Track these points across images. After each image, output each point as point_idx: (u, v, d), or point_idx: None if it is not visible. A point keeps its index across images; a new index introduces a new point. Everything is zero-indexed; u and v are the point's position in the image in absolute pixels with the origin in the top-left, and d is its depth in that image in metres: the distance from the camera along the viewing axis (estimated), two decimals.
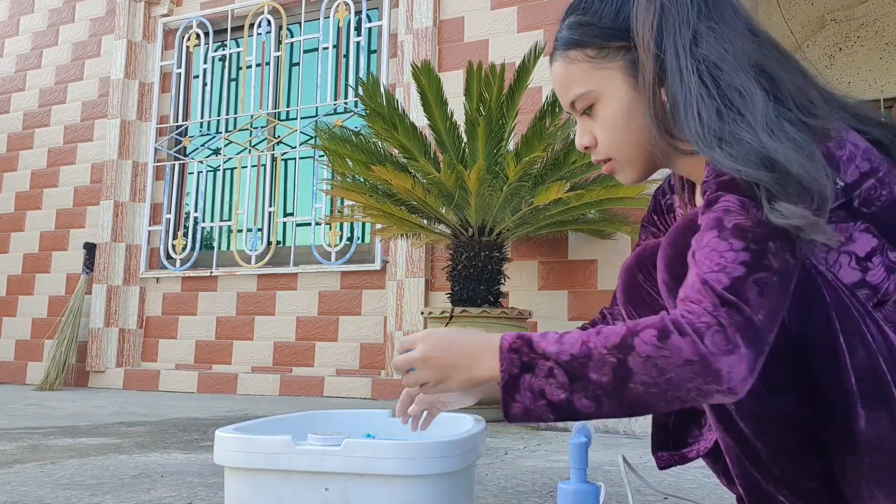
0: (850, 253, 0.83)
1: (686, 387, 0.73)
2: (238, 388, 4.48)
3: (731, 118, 0.78)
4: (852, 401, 0.77)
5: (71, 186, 5.41)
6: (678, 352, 0.73)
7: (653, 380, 0.73)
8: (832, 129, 0.82)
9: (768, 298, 0.73)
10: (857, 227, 0.83)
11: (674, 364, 0.73)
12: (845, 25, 4.85)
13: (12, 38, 5.94)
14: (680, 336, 0.73)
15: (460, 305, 3.14)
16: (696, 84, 0.80)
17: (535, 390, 0.78)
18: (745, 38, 0.84)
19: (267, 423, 1.21)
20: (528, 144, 3.02)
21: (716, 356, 0.71)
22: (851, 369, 0.77)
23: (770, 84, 0.81)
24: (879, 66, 4.74)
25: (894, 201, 0.83)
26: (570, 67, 0.92)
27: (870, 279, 0.83)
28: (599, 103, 0.91)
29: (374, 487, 0.95)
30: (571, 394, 0.77)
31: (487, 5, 4.20)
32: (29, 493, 1.49)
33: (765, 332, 0.73)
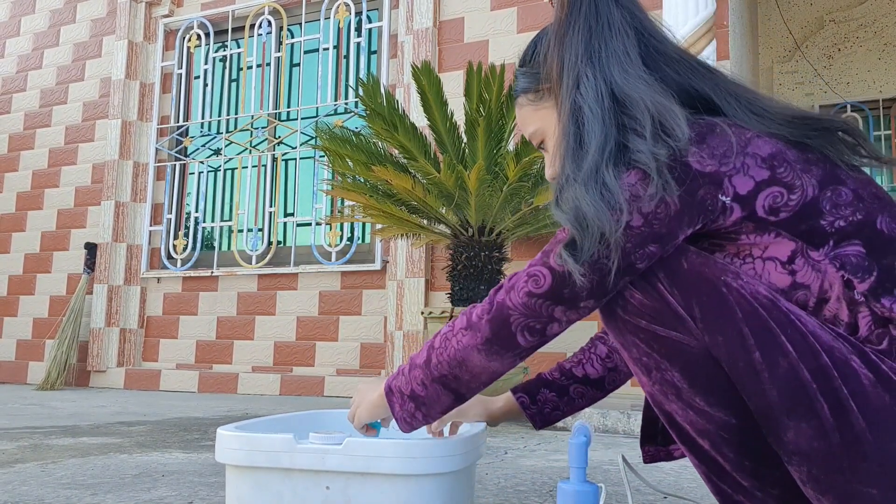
0: (773, 259, 0.85)
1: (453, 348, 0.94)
2: (239, 387, 4.49)
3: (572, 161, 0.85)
4: (778, 414, 0.78)
5: (72, 186, 5.41)
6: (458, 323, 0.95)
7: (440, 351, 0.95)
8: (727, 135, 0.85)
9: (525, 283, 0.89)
10: (770, 235, 0.84)
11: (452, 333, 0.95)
12: (844, 26, 4.85)
13: (13, 38, 5.95)
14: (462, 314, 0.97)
15: (460, 305, 3.15)
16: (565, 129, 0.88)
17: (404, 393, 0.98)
18: (624, 69, 0.89)
19: (269, 421, 1.21)
20: (528, 145, 3.02)
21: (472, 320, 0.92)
22: (772, 382, 0.78)
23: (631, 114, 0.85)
24: (878, 66, 4.74)
25: (808, 203, 0.84)
26: (521, 111, 1.04)
27: (801, 280, 0.84)
28: (546, 138, 1.01)
29: (376, 486, 0.96)
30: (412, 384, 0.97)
31: (487, 6, 4.21)
32: (30, 492, 1.49)
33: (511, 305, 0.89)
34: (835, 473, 0.76)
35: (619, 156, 0.83)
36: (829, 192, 0.85)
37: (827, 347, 0.79)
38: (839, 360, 0.78)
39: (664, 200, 0.81)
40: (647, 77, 0.88)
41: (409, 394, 0.96)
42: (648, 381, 0.88)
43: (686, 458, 1.10)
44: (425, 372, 0.95)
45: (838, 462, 0.76)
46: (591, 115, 0.85)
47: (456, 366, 0.93)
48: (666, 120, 0.84)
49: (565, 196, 0.83)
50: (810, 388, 0.77)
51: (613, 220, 0.80)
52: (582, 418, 2.65)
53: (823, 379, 0.77)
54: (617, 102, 0.86)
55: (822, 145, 0.88)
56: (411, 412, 0.96)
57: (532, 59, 1.01)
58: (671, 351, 0.84)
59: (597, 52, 0.89)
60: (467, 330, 0.91)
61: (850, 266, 0.83)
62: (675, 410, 0.87)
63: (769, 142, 0.87)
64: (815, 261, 0.84)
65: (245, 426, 1.11)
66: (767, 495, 0.85)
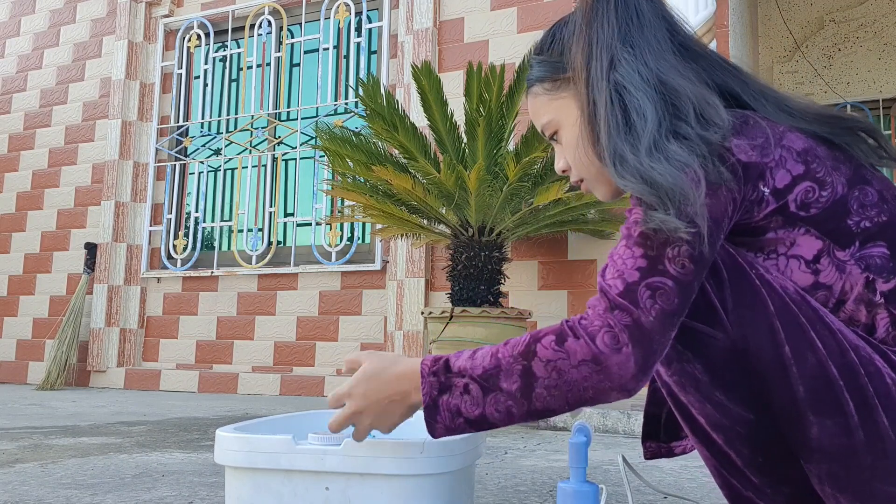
0: (798, 257, 0.84)
1: (583, 386, 0.78)
2: (239, 387, 4.49)
3: (625, 138, 0.83)
4: (803, 409, 0.78)
5: (72, 186, 5.41)
6: (573, 353, 0.79)
7: (554, 382, 0.79)
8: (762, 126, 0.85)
9: (658, 302, 0.78)
10: (798, 231, 0.84)
11: (570, 365, 0.79)
12: (844, 26, 4.85)
13: (13, 38, 5.95)
14: (574, 339, 0.79)
15: (460, 305, 3.14)
16: (606, 107, 0.85)
17: (453, 409, 0.84)
18: (661, 57, 0.88)
19: (269, 422, 1.21)
20: (528, 145, 3.02)
21: (606, 355, 0.77)
22: (800, 378, 0.78)
23: (674, 100, 0.85)
24: (878, 66, 4.74)
25: (837, 201, 0.84)
26: (535, 101, 1.00)
27: (823, 280, 0.84)
28: (561, 130, 0.98)
29: (375, 487, 0.96)
30: (485, 408, 0.83)
31: (487, 6, 4.21)
32: (30, 492, 1.49)
33: (653, 333, 0.77)
34: (856, 471, 0.76)
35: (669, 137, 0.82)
36: (856, 191, 0.85)
37: (853, 345, 0.79)
38: (865, 359, 0.78)
39: (714, 186, 0.80)
40: (682, 67, 0.88)
41: (475, 417, 0.84)
42: (667, 371, 0.88)
43: (686, 458, 1.10)
44: (517, 402, 0.81)
45: (860, 459, 0.76)
46: (637, 94, 0.84)
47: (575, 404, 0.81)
48: (705, 109, 0.84)
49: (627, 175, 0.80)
50: (837, 384, 0.77)
51: (693, 184, 0.78)
52: (582, 418, 2.65)
53: (850, 376, 0.77)
54: (658, 88, 0.85)
55: (848, 144, 0.88)
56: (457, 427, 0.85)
57: (551, 47, 0.98)
58: (697, 344, 0.83)
59: (630, 38, 0.87)
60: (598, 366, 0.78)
61: (875, 267, 0.83)
62: (692, 402, 0.86)
63: (801, 137, 0.86)
64: (841, 261, 0.83)
65: (245, 427, 1.11)
66: (777, 493, 0.85)
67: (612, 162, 0.83)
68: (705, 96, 0.85)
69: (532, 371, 0.80)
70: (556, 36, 0.97)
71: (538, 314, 3.73)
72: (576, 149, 0.95)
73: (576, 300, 3.73)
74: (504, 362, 0.82)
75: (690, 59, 0.90)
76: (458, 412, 0.84)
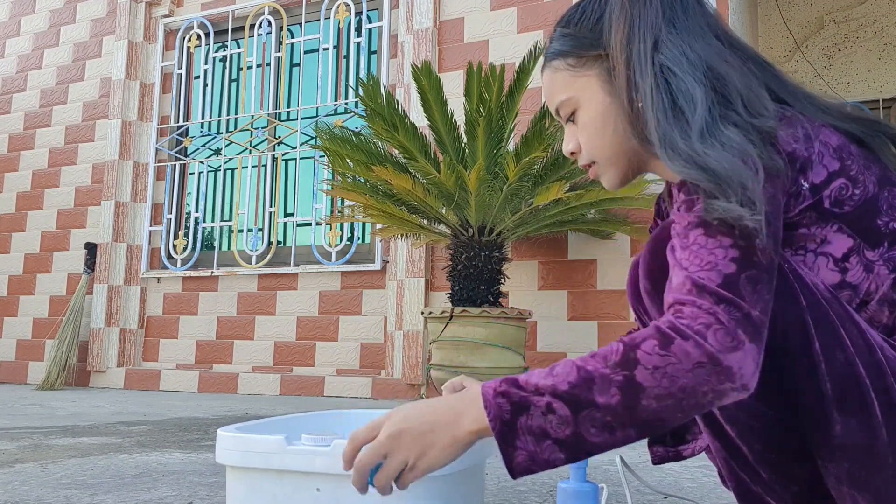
0: (827, 255, 0.83)
1: (701, 391, 0.71)
2: (239, 387, 4.49)
3: (675, 122, 0.80)
4: (829, 407, 0.77)
5: (72, 187, 5.42)
6: (686, 356, 0.70)
7: (666, 390, 0.70)
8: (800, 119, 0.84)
9: (761, 294, 0.73)
10: (830, 228, 0.83)
11: (684, 369, 0.70)
12: (844, 26, 4.85)
13: (13, 38, 5.95)
14: (683, 340, 0.71)
15: (460, 305, 3.15)
16: (652, 89, 0.83)
17: (536, 431, 0.72)
18: (706, 42, 0.87)
19: (275, 422, 1.21)
20: (528, 145, 3.02)
21: (723, 353, 0.70)
22: (828, 375, 0.77)
23: (721, 87, 0.83)
24: (878, 66, 4.74)
25: (868, 199, 0.83)
26: (554, 76, 0.96)
27: (850, 280, 0.83)
28: (580, 109, 0.94)
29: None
30: (578, 426, 0.71)
31: (487, 6, 4.21)
32: (30, 492, 1.49)
33: (762, 328, 0.73)
34: (876, 471, 0.76)
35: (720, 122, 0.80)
36: (885, 191, 0.84)
37: (879, 345, 0.78)
38: (891, 358, 0.78)
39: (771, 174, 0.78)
40: (726, 54, 0.86)
41: (566, 437, 0.72)
42: None
43: (687, 460, 1.10)
44: (618, 415, 0.71)
45: (882, 460, 0.76)
46: (685, 77, 0.82)
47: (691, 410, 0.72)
48: (752, 98, 0.83)
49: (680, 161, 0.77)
50: (864, 384, 0.76)
51: (751, 172, 0.75)
52: None
53: (878, 376, 0.76)
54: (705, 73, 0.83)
55: (878, 147, 0.88)
56: (545, 452, 0.73)
57: (579, 21, 0.93)
58: None
59: (675, 20, 0.86)
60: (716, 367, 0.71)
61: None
62: None
63: (835, 133, 0.86)
64: (870, 261, 0.83)
65: (249, 427, 1.11)
66: (786, 491, 0.84)
67: (662, 147, 0.80)
68: (751, 85, 0.84)
69: (636, 381, 0.71)
70: (586, 11, 0.93)
71: (538, 314, 3.73)
72: (595, 130, 0.93)
73: (576, 300, 3.73)
74: (597, 374, 0.72)
75: (731, 48, 0.89)
76: (543, 434, 0.72)
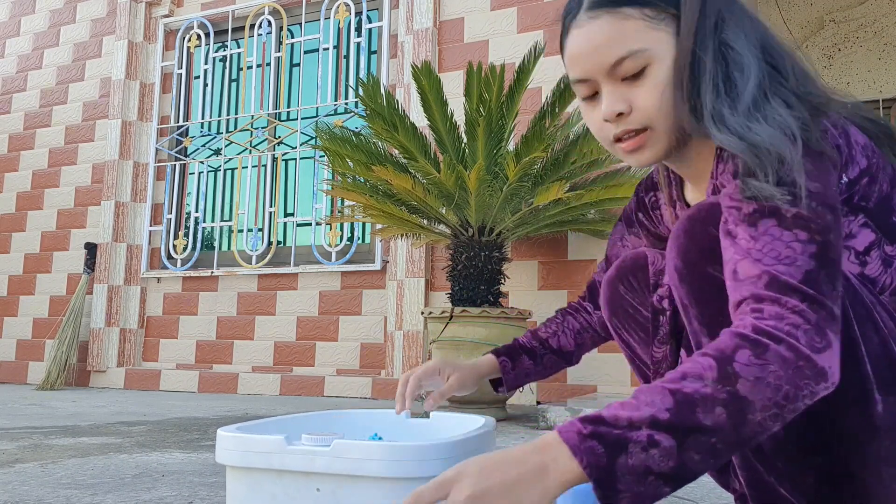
0: (850, 248, 0.85)
1: (801, 395, 0.68)
2: (239, 387, 4.49)
3: (725, 97, 0.81)
4: (869, 387, 0.78)
5: (72, 186, 5.42)
6: (783, 362, 0.68)
7: (771, 401, 0.67)
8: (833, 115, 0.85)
9: (838, 290, 0.72)
10: (858, 221, 0.85)
11: (784, 376, 0.67)
12: (844, 26, 4.85)
13: (13, 38, 5.95)
14: (777, 345, 0.68)
15: (460, 305, 3.15)
16: (710, 63, 0.83)
17: (639, 470, 0.65)
18: (757, 27, 0.90)
19: (277, 422, 1.21)
20: (528, 144, 3.02)
21: (817, 354, 0.69)
22: (867, 356, 0.78)
23: (777, 63, 0.85)
24: (878, 66, 4.74)
25: (884, 197, 0.86)
26: (625, 23, 0.86)
27: (868, 272, 0.85)
28: (652, 65, 0.87)
29: (365, 489, 0.95)
30: (682, 454, 0.65)
31: (487, 6, 4.21)
32: (30, 492, 1.49)
33: (840, 324, 0.72)
34: None
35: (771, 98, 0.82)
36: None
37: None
38: None
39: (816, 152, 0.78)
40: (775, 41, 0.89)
41: (670, 470, 0.65)
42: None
43: None
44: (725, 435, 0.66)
45: None
46: (744, 52, 0.83)
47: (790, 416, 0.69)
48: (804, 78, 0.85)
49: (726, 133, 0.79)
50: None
51: (789, 143, 0.76)
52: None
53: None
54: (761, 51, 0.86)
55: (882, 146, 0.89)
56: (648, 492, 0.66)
57: None
58: None
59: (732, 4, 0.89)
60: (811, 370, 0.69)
61: None
62: None
63: (858, 131, 0.87)
64: (889, 255, 0.86)
65: (251, 427, 1.11)
66: (800, 481, 0.84)
67: (711, 119, 0.80)
68: (804, 67, 0.86)
69: (740, 396, 0.66)
70: None
71: (538, 314, 3.73)
72: (667, 90, 0.87)
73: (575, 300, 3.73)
74: (697, 395, 0.66)
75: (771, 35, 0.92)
76: (646, 471, 0.65)
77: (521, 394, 3.70)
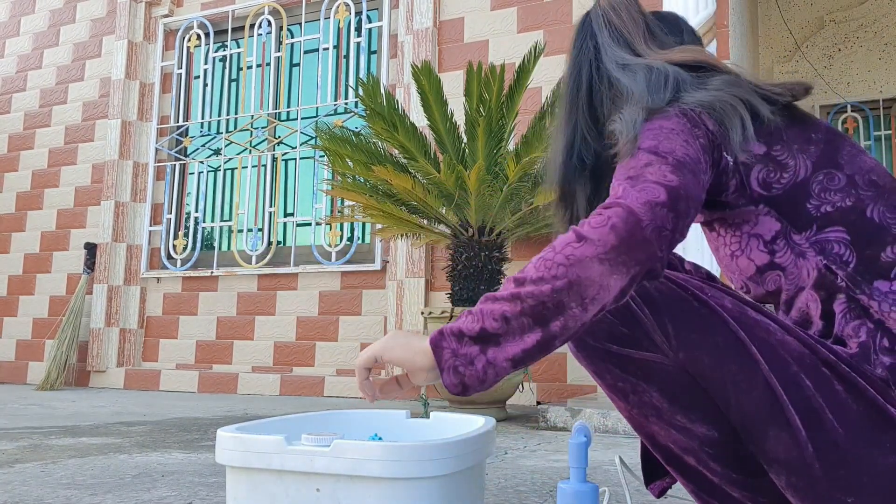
0: (758, 236, 0.88)
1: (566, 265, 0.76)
2: (238, 387, 4.49)
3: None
4: (756, 424, 0.79)
5: (72, 186, 5.41)
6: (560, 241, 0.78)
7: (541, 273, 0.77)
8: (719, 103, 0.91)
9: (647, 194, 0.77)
10: (760, 210, 0.87)
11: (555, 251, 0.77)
12: (844, 26, 4.85)
13: (13, 38, 5.95)
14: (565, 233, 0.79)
15: (460, 305, 3.14)
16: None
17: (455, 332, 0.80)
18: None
19: (279, 421, 1.21)
20: (528, 144, 3.02)
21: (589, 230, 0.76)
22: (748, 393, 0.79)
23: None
24: (878, 66, 4.74)
25: (798, 184, 0.86)
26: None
27: (778, 261, 0.87)
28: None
29: (364, 489, 0.95)
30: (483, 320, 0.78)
31: (487, 6, 4.21)
32: (30, 492, 1.49)
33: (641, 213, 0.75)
34: (812, 482, 0.77)
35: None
36: (821, 175, 0.86)
37: (797, 355, 0.79)
38: (810, 368, 0.78)
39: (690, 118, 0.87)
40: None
41: (476, 333, 0.78)
42: (626, 406, 0.89)
43: None
44: (510, 304, 0.77)
45: (815, 471, 0.76)
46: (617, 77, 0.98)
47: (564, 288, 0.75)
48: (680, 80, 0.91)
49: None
50: (782, 398, 0.77)
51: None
52: (582, 418, 2.65)
53: (795, 389, 0.77)
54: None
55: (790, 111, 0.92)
56: (470, 358, 0.78)
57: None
58: (646, 372, 0.84)
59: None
60: (580, 242, 0.76)
61: (831, 253, 0.84)
62: (657, 432, 0.88)
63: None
64: (796, 244, 0.86)
65: (253, 427, 1.11)
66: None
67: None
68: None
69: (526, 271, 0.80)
70: None
71: None
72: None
73: None
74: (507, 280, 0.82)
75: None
76: (460, 333, 0.79)
77: (520, 394, 3.70)
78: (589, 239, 0.75)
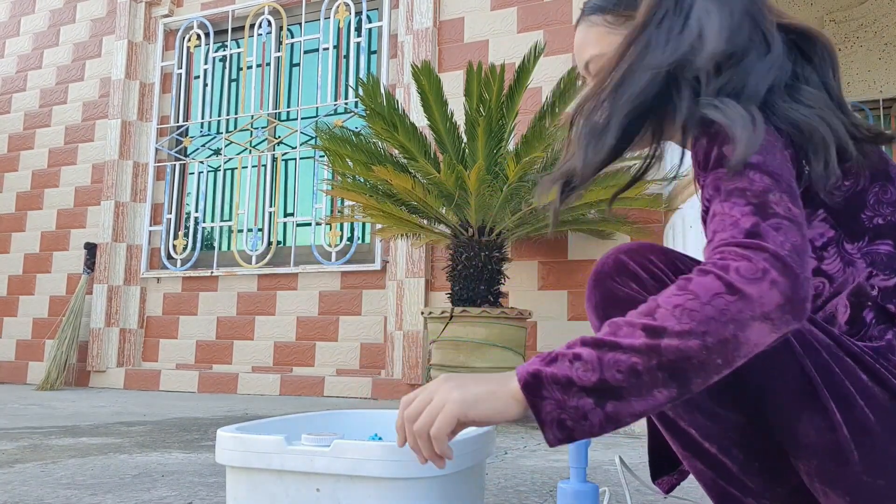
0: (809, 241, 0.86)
1: (721, 321, 0.68)
2: (238, 387, 4.49)
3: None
4: (789, 408, 0.79)
5: (72, 186, 5.41)
6: (704, 288, 0.69)
7: (687, 326, 0.68)
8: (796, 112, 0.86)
9: (788, 237, 0.71)
10: (818, 215, 0.85)
11: (702, 302, 0.68)
12: (844, 26, 4.85)
13: (13, 38, 5.95)
14: (703, 276, 0.70)
15: (460, 305, 3.14)
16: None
17: (563, 381, 0.70)
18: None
19: (280, 421, 1.21)
20: (528, 144, 3.02)
21: (743, 282, 0.68)
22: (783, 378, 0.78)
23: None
24: (878, 66, 4.74)
25: (857, 193, 0.85)
26: (590, 30, 0.98)
27: (825, 268, 0.86)
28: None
29: (364, 489, 0.95)
30: (602, 372, 0.69)
31: (487, 6, 4.21)
32: (30, 492, 1.49)
33: (794, 264, 0.69)
34: (845, 465, 0.77)
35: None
36: (877, 186, 0.86)
37: (825, 344, 0.79)
38: (837, 357, 0.79)
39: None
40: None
41: (592, 385, 0.70)
42: None
43: None
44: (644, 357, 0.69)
45: (849, 454, 0.76)
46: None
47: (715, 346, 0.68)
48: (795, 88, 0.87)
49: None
50: (816, 381, 0.78)
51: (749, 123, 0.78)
52: None
53: (827, 374, 0.78)
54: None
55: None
56: (583, 412, 0.70)
57: None
58: None
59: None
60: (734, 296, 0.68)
61: (879, 264, 0.84)
62: (680, 415, 0.87)
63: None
64: (848, 254, 0.85)
65: (253, 427, 1.11)
66: (776, 495, 0.86)
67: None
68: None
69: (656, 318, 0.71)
70: None
71: (538, 314, 3.73)
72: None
73: (576, 300, 3.73)
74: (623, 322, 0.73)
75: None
76: (569, 382, 0.70)
77: None
78: (746, 295, 0.67)
